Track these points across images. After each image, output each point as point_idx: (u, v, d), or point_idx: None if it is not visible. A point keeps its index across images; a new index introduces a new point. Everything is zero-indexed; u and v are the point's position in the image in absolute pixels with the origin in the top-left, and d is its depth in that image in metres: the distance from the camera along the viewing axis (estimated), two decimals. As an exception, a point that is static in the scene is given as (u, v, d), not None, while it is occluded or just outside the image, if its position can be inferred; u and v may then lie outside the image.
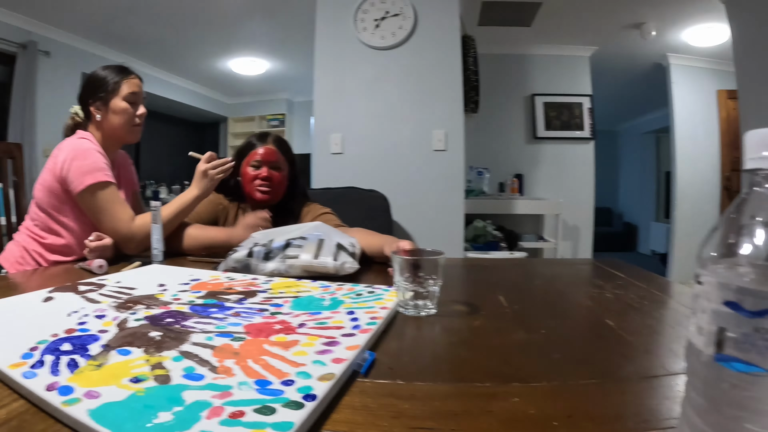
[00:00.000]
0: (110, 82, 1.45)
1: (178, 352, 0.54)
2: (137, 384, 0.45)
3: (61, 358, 0.53)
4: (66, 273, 1.19)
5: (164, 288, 0.91)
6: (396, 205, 2.21)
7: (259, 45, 5.24)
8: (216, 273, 1.06)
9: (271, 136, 1.59)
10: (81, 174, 1.29)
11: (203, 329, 0.62)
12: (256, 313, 0.71)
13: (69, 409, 0.41)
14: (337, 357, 0.51)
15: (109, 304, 0.78)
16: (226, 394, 0.43)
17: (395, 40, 2.86)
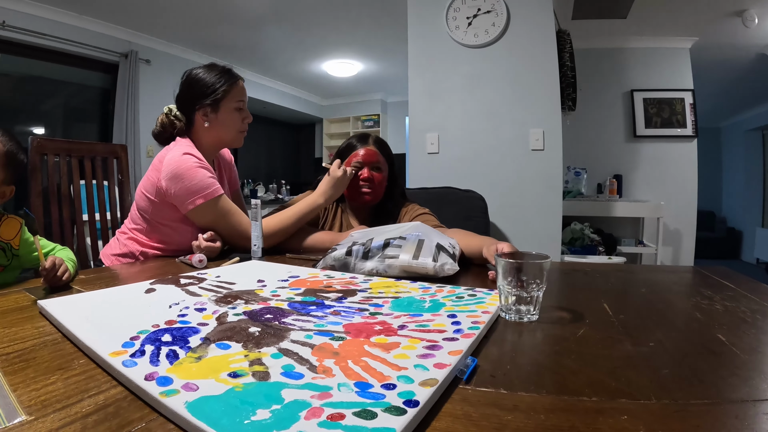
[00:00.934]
0: (219, 88, 1.55)
1: (277, 349, 0.56)
2: (235, 379, 0.48)
3: (161, 348, 0.58)
4: (166, 266, 1.32)
5: (263, 284, 0.96)
6: (493, 206, 2.28)
7: (352, 47, 5.61)
8: (314, 270, 1.11)
9: (371, 137, 1.68)
10: (189, 194, 1.41)
11: (302, 327, 0.65)
12: (355, 312, 0.73)
13: (166, 400, 0.44)
14: (440, 362, 0.52)
15: (209, 298, 0.84)
16: (325, 395, 0.44)
17: (488, 38, 2.94)
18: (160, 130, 1.60)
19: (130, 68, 4.79)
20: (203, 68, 1.58)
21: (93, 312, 0.76)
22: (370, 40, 5.21)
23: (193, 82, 1.55)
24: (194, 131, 1.58)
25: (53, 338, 0.67)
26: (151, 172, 1.49)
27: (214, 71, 1.56)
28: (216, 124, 1.55)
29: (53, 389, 0.50)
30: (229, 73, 1.57)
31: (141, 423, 0.43)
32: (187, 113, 1.57)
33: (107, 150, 2.06)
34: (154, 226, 1.52)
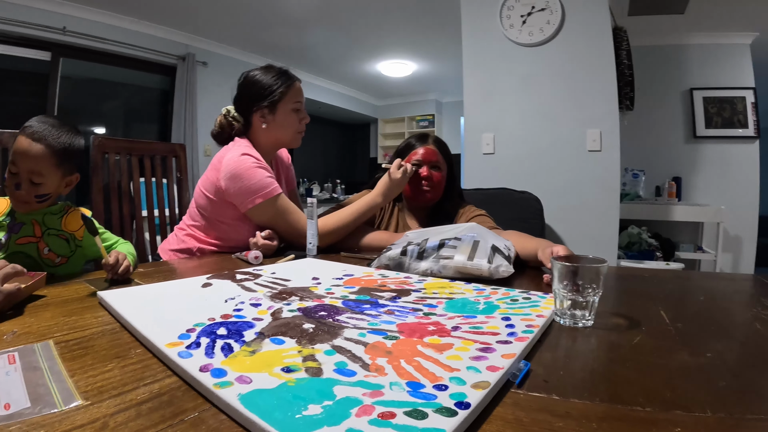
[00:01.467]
0: (276, 90, 1.61)
1: (331, 346, 0.59)
2: (288, 374, 0.50)
3: (217, 341, 0.61)
4: (223, 262, 1.41)
5: (318, 281, 1.00)
6: (548, 208, 2.30)
7: (405, 47, 5.72)
8: (369, 269, 1.15)
9: (431, 136, 1.73)
10: (248, 194, 1.49)
11: (356, 325, 0.68)
12: (409, 312, 0.75)
13: (220, 391, 0.46)
14: (493, 365, 0.53)
15: (264, 294, 0.88)
16: (377, 393, 0.46)
17: (543, 36, 2.99)
18: (219, 131, 1.68)
19: (188, 70, 5.12)
20: (260, 70, 1.64)
21: (151, 304, 0.81)
22: (424, 40, 5.32)
23: (250, 84, 1.63)
24: (252, 132, 1.65)
25: (111, 328, 0.73)
26: (211, 172, 1.56)
27: (271, 73, 1.63)
28: (274, 126, 1.62)
29: (110, 376, 0.53)
30: (285, 75, 1.64)
31: (194, 412, 0.45)
32: (245, 115, 1.65)
33: (166, 149, 2.19)
34: (212, 223, 1.59)
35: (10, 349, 0.61)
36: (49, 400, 0.47)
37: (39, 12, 3.99)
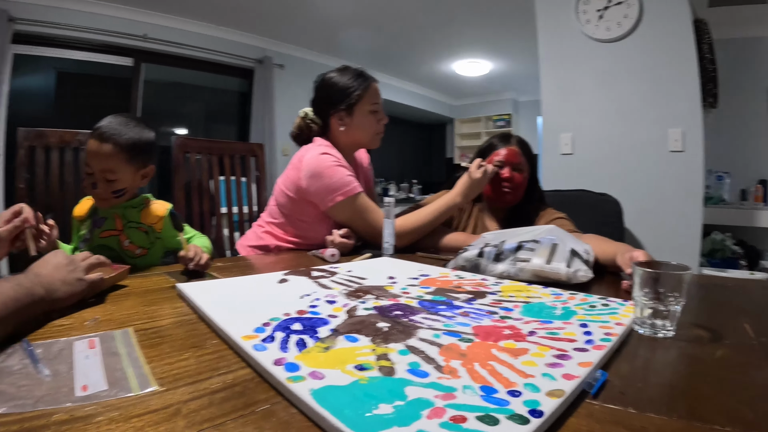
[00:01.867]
0: (353, 93, 1.65)
1: (405, 346, 0.59)
2: (361, 372, 0.51)
3: (291, 336, 0.63)
4: (299, 258, 1.45)
5: (394, 281, 1.01)
6: (628, 211, 2.27)
7: (480, 46, 5.68)
8: (445, 270, 1.15)
9: (514, 137, 1.74)
10: (328, 192, 1.53)
11: (431, 326, 0.69)
12: (485, 315, 0.76)
13: (293, 385, 0.47)
14: (568, 373, 0.53)
15: (340, 291, 0.91)
16: (449, 396, 0.46)
17: (621, 31, 2.93)
18: (297, 133, 1.74)
19: (265, 73, 5.37)
20: (336, 72, 1.68)
21: (228, 297, 0.86)
22: (499, 37, 5.30)
23: (326, 87, 1.67)
24: (331, 133, 1.69)
25: (189, 319, 0.77)
26: (291, 171, 1.62)
27: (347, 75, 1.66)
28: (352, 128, 1.66)
29: (186, 365, 0.56)
30: (362, 76, 1.67)
31: (266, 404, 0.47)
32: (322, 117, 1.69)
33: (245, 149, 2.31)
34: (292, 221, 1.65)
35: (90, 335, 0.66)
36: (125, 384, 0.50)
37: (121, 21, 4.37)
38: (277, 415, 0.44)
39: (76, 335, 0.66)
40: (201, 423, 0.42)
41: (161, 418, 0.43)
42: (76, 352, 0.59)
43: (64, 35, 4.10)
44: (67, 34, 4.11)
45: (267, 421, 0.43)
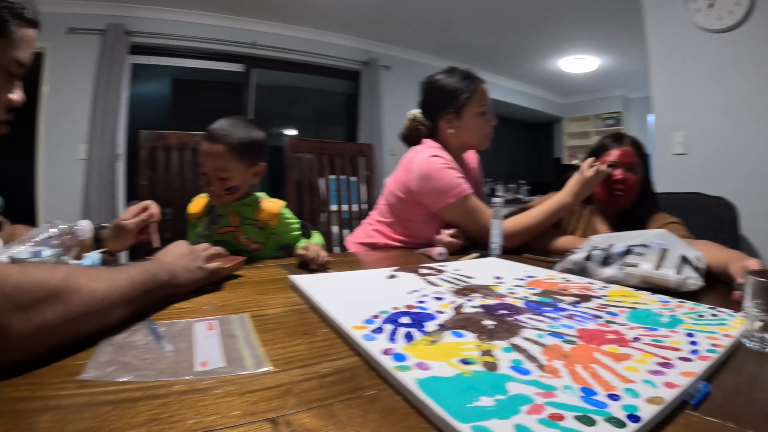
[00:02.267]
0: (461, 95, 1.67)
1: (509, 344, 0.62)
2: (466, 365, 0.54)
3: (399, 329, 0.66)
4: (407, 256, 1.50)
5: (500, 281, 1.03)
6: (745, 217, 2.19)
7: (586, 41, 5.51)
8: (551, 272, 1.16)
9: (627, 137, 1.72)
10: (438, 195, 1.58)
11: (535, 326, 0.70)
12: (590, 318, 0.76)
13: (399, 374, 0.51)
14: (670, 381, 0.52)
15: (447, 289, 0.94)
16: (549, 394, 0.48)
17: (734, 20, 2.74)
18: (406, 134, 1.80)
19: (371, 75, 5.56)
20: (444, 74, 1.71)
21: (339, 290, 0.93)
22: (606, 32, 5.11)
23: (434, 90, 1.71)
24: (440, 135, 1.72)
25: (301, 308, 0.83)
26: (401, 173, 1.67)
27: (455, 77, 1.68)
28: (460, 130, 1.68)
29: (298, 350, 0.62)
30: (469, 78, 1.68)
31: (372, 390, 0.50)
32: (431, 119, 1.73)
33: (354, 149, 2.42)
34: (401, 220, 1.70)
35: (209, 318, 0.74)
36: (241, 363, 0.56)
37: (231, 30, 4.80)
38: (383, 401, 0.47)
39: (195, 318, 0.74)
40: (310, 402, 0.46)
41: (273, 395, 0.48)
42: (196, 332, 0.66)
43: (179, 45, 4.59)
44: (181, 44, 4.59)
45: (372, 405, 0.46)
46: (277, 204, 1.42)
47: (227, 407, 0.45)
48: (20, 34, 0.79)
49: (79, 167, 4.11)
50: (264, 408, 0.45)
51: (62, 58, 4.07)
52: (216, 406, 0.45)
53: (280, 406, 0.45)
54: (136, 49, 4.39)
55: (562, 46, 5.69)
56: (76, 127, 4.11)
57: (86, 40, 4.17)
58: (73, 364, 0.55)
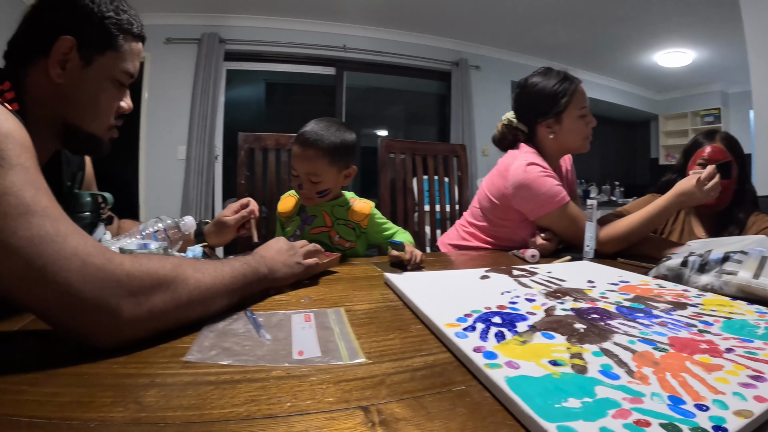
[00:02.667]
0: (561, 100, 1.63)
1: (599, 348, 0.62)
2: (555, 367, 0.55)
3: (491, 328, 0.68)
4: (500, 257, 1.53)
5: (593, 284, 1.02)
6: None
7: (681, 33, 5.22)
8: (645, 278, 1.13)
9: (719, 133, 1.68)
10: (537, 204, 1.55)
11: (627, 332, 0.70)
12: (683, 326, 0.75)
13: (489, 371, 0.52)
14: (761, 395, 0.51)
15: (539, 291, 0.94)
16: (636, 400, 0.48)
17: None
18: (500, 138, 1.77)
19: (462, 75, 5.55)
20: (539, 77, 1.66)
21: (432, 288, 0.95)
22: (702, 23, 4.83)
23: (532, 95, 1.66)
24: (537, 140, 1.68)
25: (395, 305, 0.87)
26: (497, 178, 1.65)
27: (552, 79, 1.63)
28: (561, 135, 1.64)
29: (391, 344, 0.65)
30: (567, 80, 1.64)
31: (461, 386, 0.52)
32: (528, 125, 1.69)
33: (447, 149, 2.41)
34: (494, 224, 1.69)
35: (306, 310, 0.79)
36: (337, 354, 0.60)
37: (322, 35, 5.00)
38: (471, 396, 0.49)
39: (292, 310, 0.79)
40: (401, 394, 0.49)
41: (367, 385, 0.51)
42: (294, 323, 0.71)
43: (271, 51, 4.86)
44: (274, 50, 4.86)
45: (461, 399, 0.48)
46: (367, 205, 1.45)
47: (322, 394, 0.48)
48: (128, 48, 0.90)
49: (179, 167, 4.48)
50: (357, 396, 0.48)
51: (161, 67, 4.49)
52: (311, 392, 0.49)
53: (372, 396, 0.48)
54: (230, 56, 4.72)
55: (656, 39, 5.44)
56: (176, 130, 4.50)
57: (183, 49, 4.57)
58: (177, 346, 0.61)
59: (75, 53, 0.82)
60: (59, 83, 0.83)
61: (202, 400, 0.47)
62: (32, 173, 0.61)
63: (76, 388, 0.49)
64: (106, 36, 0.86)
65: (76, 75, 0.84)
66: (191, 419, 0.43)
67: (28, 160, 0.62)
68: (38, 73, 0.83)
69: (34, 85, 0.83)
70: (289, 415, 0.44)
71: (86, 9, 0.83)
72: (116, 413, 0.44)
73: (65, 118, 0.88)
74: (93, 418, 0.43)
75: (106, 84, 0.89)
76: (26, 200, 0.57)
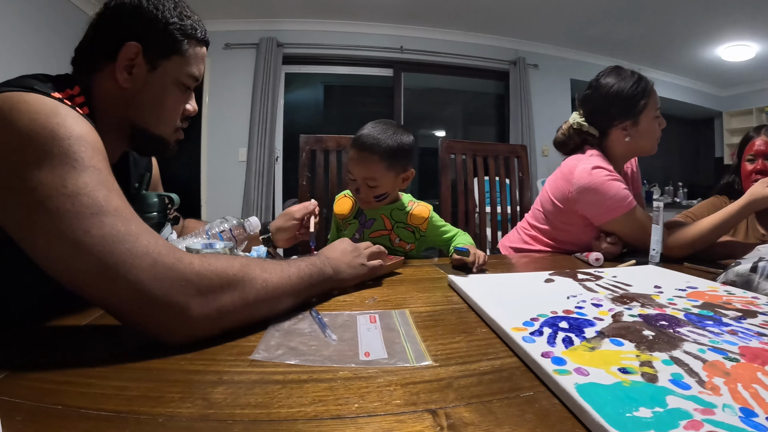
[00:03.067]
0: (639, 101, 1.59)
1: (669, 356, 0.61)
2: (624, 374, 0.54)
3: (558, 333, 0.67)
4: (562, 260, 1.50)
5: (660, 290, 0.99)
6: None
7: (745, 25, 4.94)
8: (713, 284, 1.08)
9: (766, 126, 1.65)
10: (604, 209, 1.52)
11: (696, 340, 0.68)
12: (754, 336, 0.72)
13: (558, 377, 0.51)
14: None
15: (605, 296, 0.92)
16: (708, 411, 0.47)
17: None
18: (564, 141, 1.72)
19: (520, 74, 5.48)
20: (613, 77, 1.61)
21: (497, 291, 0.96)
22: (765, 15, 4.56)
23: (607, 97, 1.60)
24: (609, 143, 1.65)
25: (460, 307, 0.87)
26: (561, 181, 1.62)
27: (628, 80, 1.59)
28: (636, 137, 1.60)
29: (457, 347, 0.65)
30: (642, 80, 1.59)
31: (529, 391, 0.52)
32: (601, 127, 1.64)
33: (508, 150, 2.39)
34: (556, 227, 1.66)
35: (371, 311, 0.80)
36: (403, 356, 0.60)
37: (379, 36, 5.06)
38: (540, 403, 0.48)
39: (357, 311, 0.80)
40: (469, 398, 0.49)
41: (434, 388, 0.51)
42: (359, 324, 0.73)
43: (328, 54, 4.94)
44: (331, 53, 4.94)
45: (530, 406, 0.48)
46: (426, 208, 1.46)
47: (389, 395, 0.49)
48: (192, 52, 0.93)
49: (240, 169, 4.62)
50: (425, 399, 0.48)
51: (221, 72, 4.67)
52: (378, 394, 0.49)
53: (440, 399, 0.48)
54: (288, 60, 4.84)
55: (719, 32, 5.19)
56: (237, 133, 4.65)
57: (242, 54, 4.73)
58: (244, 344, 0.63)
59: (141, 58, 0.86)
60: (126, 87, 0.87)
61: (269, 399, 0.48)
62: (104, 175, 0.66)
63: (145, 383, 0.51)
64: (170, 41, 0.89)
65: (143, 79, 0.88)
66: (259, 417, 0.45)
67: (101, 162, 0.66)
68: (106, 78, 0.86)
69: (102, 89, 0.87)
70: (356, 416, 0.45)
71: (151, 15, 0.86)
72: (184, 409, 0.46)
73: (132, 120, 0.91)
74: (161, 413, 0.45)
75: (172, 87, 0.93)
76: (99, 200, 0.61)
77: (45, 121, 0.63)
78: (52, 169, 0.61)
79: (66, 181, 0.61)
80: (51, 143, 0.62)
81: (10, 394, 0.48)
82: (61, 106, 0.67)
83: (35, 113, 0.64)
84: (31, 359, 0.59)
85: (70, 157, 0.63)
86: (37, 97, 0.66)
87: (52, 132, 0.62)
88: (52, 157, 0.62)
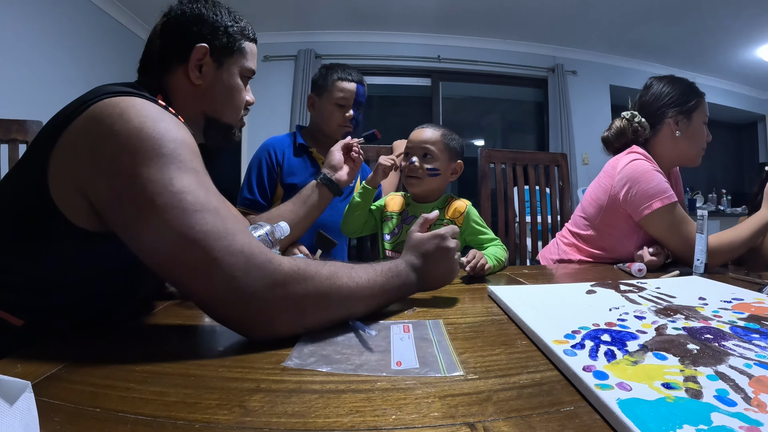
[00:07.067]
0: (695, 98, 1.61)
1: (714, 371, 0.59)
2: (668, 390, 0.52)
3: (600, 346, 0.66)
4: (604, 271, 1.48)
5: (704, 302, 0.97)
6: None
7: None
8: (760, 295, 1.05)
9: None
10: (646, 198, 1.51)
11: (742, 354, 0.66)
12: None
13: (600, 392, 0.50)
14: None
15: (648, 308, 0.90)
16: (754, 429, 0.45)
17: None
18: (615, 137, 1.70)
19: (558, 81, 5.46)
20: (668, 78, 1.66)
21: (537, 302, 0.94)
22: None
23: (670, 85, 1.63)
24: (656, 142, 1.64)
25: (500, 319, 0.87)
26: (603, 179, 1.63)
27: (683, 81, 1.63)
28: (685, 135, 1.60)
29: (497, 359, 0.64)
30: (691, 85, 1.64)
31: (570, 406, 0.50)
32: (655, 119, 1.64)
33: (548, 158, 2.37)
34: (599, 232, 1.64)
35: (406, 321, 0.81)
36: (435, 366, 0.60)
37: (416, 46, 5.13)
38: (581, 418, 0.47)
39: (392, 320, 0.81)
40: (509, 412, 0.48)
41: (473, 401, 0.50)
42: (393, 333, 0.73)
43: (366, 64, 4.97)
44: (369, 63, 4.99)
45: (570, 421, 0.46)
46: (464, 203, 1.49)
47: (427, 408, 0.49)
48: (248, 49, 1.07)
49: None
50: (463, 412, 0.48)
51: (260, 83, 4.66)
52: (416, 406, 0.49)
53: (478, 412, 0.48)
54: None
55: (759, 33, 5.05)
56: None
57: (281, 66, 4.87)
58: (281, 353, 0.64)
59: (209, 58, 0.99)
60: (198, 84, 0.99)
61: (306, 408, 0.48)
62: (202, 176, 0.72)
63: (183, 389, 0.53)
64: (231, 41, 1.02)
65: (212, 76, 1.01)
66: (295, 427, 0.45)
67: (199, 164, 0.73)
68: (179, 77, 0.98)
69: (177, 87, 0.98)
70: (393, 428, 0.45)
71: (212, 20, 0.99)
72: (221, 416, 0.47)
73: (205, 112, 1.04)
74: (198, 419, 0.46)
75: (236, 80, 1.05)
76: (201, 199, 0.67)
77: (153, 125, 0.70)
78: (160, 168, 0.67)
79: (173, 180, 0.67)
80: (159, 145, 0.68)
81: (50, 395, 0.50)
82: (164, 112, 0.75)
83: (144, 117, 0.70)
84: (76, 360, 0.61)
85: (176, 159, 0.69)
86: (145, 102, 0.73)
87: (161, 135, 0.69)
88: (161, 157, 0.68)
